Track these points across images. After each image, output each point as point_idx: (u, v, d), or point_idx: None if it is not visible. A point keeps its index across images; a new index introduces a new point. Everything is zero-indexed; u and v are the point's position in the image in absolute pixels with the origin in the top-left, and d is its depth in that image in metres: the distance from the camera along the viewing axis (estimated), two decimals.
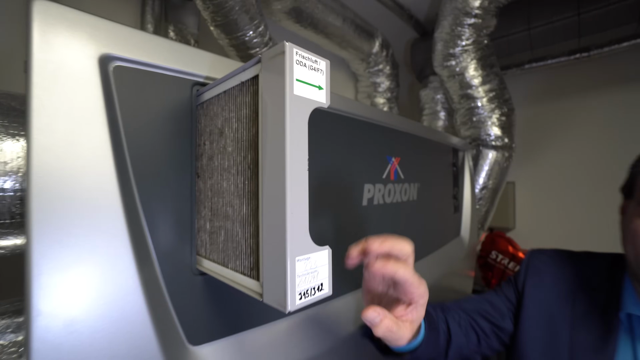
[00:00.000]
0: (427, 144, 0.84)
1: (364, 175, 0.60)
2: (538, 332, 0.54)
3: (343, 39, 1.25)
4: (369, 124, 0.63)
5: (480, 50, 1.13)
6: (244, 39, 0.85)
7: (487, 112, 1.15)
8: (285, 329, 0.44)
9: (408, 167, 0.73)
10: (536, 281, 0.58)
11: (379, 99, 1.53)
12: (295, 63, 0.26)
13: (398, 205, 0.70)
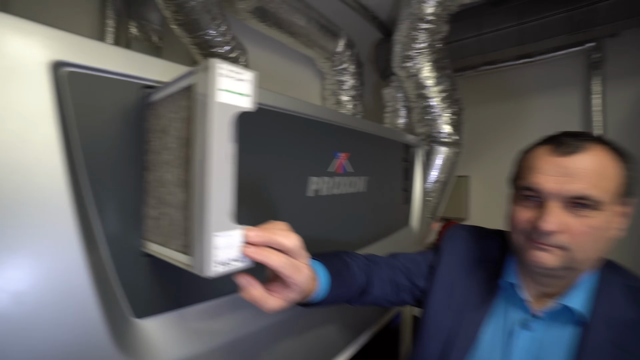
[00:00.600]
0: (378, 140, 0.92)
1: (309, 169, 0.66)
2: (441, 293, 0.64)
3: (308, 38, 1.30)
4: (317, 123, 0.69)
5: (434, 53, 1.22)
6: (205, 38, 0.88)
7: (439, 111, 1.25)
8: (228, 305, 0.50)
9: (357, 161, 0.81)
10: (450, 250, 0.67)
11: (343, 96, 1.60)
12: (219, 76, 0.31)
13: (346, 196, 0.78)
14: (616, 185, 0.49)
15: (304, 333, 0.66)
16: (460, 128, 1.29)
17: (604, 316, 0.49)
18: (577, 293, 0.51)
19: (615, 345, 0.47)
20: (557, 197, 0.49)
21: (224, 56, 0.93)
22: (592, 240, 0.48)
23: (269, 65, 1.44)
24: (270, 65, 1.44)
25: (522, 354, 0.53)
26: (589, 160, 0.49)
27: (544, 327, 0.53)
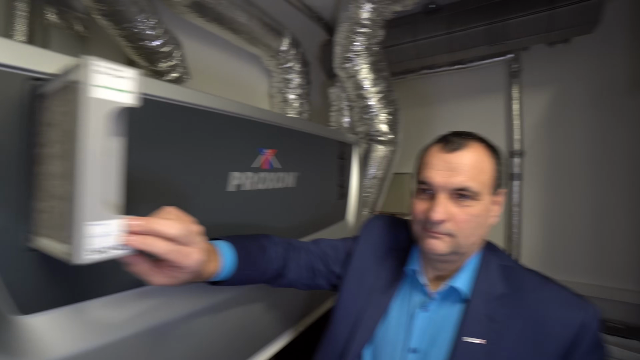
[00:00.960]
0: (310, 138, 0.97)
1: (230, 165, 0.68)
2: (353, 279, 0.69)
3: (251, 36, 1.31)
4: (241, 120, 0.72)
5: (372, 56, 1.30)
6: (132, 30, 0.86)
7: (377, 111, 1.33)
8: (129, 298, 0.51)
9: (286, 158, 0.84)
10: (365, 239, 0.73)
11: (290, 94, 1.62)
12: (93, 72, 0.33)
13: (273, 191, 0.81)
14: (490, 177, 0.57)
15: (223, 326, 0.69)
16: (395, 127, 1.38)
17: (481, 293, 0.57)
18: (462, 274, 0.59)
19: (488, 317, 0.54)
20: (444, 189, 0.55)
21: (154, 50, 0.92)
22: (473, 226, 0.56)
23: (214, 61, 1.42)
24: (215, 61, 1.43)
25: (419, 332, 0.58)
26: (469, 156, 0.56)
27: (437, 307, 0.59)
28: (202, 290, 0.61)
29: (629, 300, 1.51)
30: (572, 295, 0.54)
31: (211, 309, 0.65)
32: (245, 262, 0.58)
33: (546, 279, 0.58)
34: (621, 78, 1.50)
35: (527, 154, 1.71)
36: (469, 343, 0.53)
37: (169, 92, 0.58)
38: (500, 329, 0.52)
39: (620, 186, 1.52)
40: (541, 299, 0.54)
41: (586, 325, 0.50)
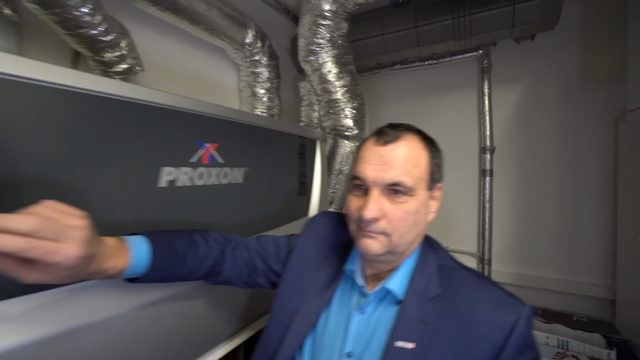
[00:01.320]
0: (262, 132, 0.93)
1: (162, 160, 0.65)
2: (291, 278, 0.65)
3: (211, 27, 1.27)
4: (177, 113, 0.68)
5: (336, 49, 1.27)
6: (67, 16, 0.81)
7: (342, 105, 1.30)
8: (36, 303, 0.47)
9: (232, 153, 0.80)
10: (308, 236, 0.69)
11: (258, 88, 1.58)
12: None
13: (216, 187, 0.77)
14: (426, 171, 0.54)
15: (160, 326, 0.66)
16: (361, 122, 1.36)
17: (416, 294, 0.53)
18: (397, 275, 0.56)
19: (421, 320, 0.51)
20: (377, 185, 0.52)
21: (95, 39, 0.86)
22: (409, 224, 0.53)
23: (176, 54, 1.37)
24: (177, 54, 1.38)
25: (354, 336, 0.55)
26: (402, 149, 0.52)
27: (374, 308, 0.56)
28: (133, 289, 0.58)
29: (596, 295, 1.53)
30: (505, 296, 0.52)
31: (143, 307, 0.62)
32: (165, 259, 0.55)
33: (482, 278, 0.56)
34: (581, 74, 1.51)
35: (497, 150, 1.71)
36: (399, 348, 0.50)
37: (88, 83, 0.55)
38: (432, 331, 0.50)
39: (588, 182, 1.53)
40: (473, 300, 0.51)
41: (516, 327, 0.48)
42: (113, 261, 0.47)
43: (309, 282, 0.63)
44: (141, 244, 0.52)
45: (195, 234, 0.63)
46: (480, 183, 1.77)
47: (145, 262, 0.52)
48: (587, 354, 1.24)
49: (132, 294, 0.59)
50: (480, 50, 1.63)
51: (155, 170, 0.64)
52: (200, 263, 0.61)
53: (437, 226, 1.89)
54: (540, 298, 1.64)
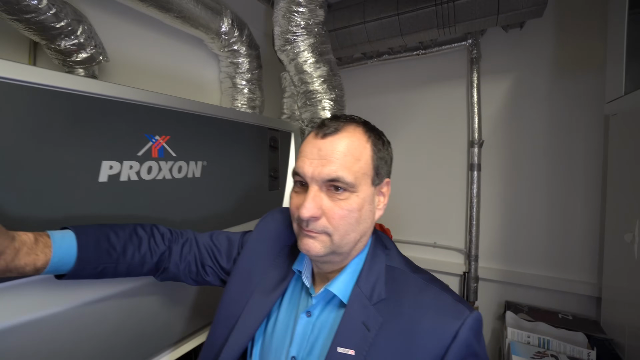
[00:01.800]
0: (224, 124, 0.90)
1: (101, 153, 0.61)
2: (239, 276, 0.62)
3: (182, 15, 1.22)
4: (120, 105, 0.64)
5: (312, 37, 1.21)
6: (21, 6, 0.76)
7: (319, 97, 1.26)
8: None
9: (185, 146, 0.77)
10: (259, 232, 0.66)
11: (238, 80, 1.54)
12: None
13: (169, 182, 0.74)
14: (369, 166, 0.50)
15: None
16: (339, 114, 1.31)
17: (360, 298, 0.51)
18: (341, 277, 0.53)
19: (363, 325, 0.49)
20: (315, 181, 0.49)
21: (45, 25, 0.82)
22: (350, 222, 0.49)
23: (151, 44, 1.33)
24: (152, 44, 1.33)
25: (300, 339, 0.53)
26: (342, 142, 0.49)
27: (320, 311, 0.54)
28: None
29: (582, 292, 1.49)
30: (450, 302, 0.49)
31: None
32: (97, 254, 0.52)
33: (429, 282, 0.53)
34: (572, 64, 1.44)
35: (486, 144, 1.66)
36: (340, 354, 0.47)
37: (19, 73, 0.51)
38: (374, 338, 0.47)
39: (577, 177, 1.48)
40: (417, 306, 0.49)
41: (458, 335, 0.45)
42: (31, 257, 0.44)
43: (256, 282, 0.60)
44: (67, 240, 0.50)
45: (140, 229, 0.60)
46: (468, 178, 1.72)
47: (73, 258, 0.49)
48: (567, 354, 1.21)
49: (66, 292, 0.57)
50: (470, 40, 1.57)
51: (95, 164, 0.61)
52: (143, 259, 0.58)
53: (424, 222, 1.86)
54: (527, 295, 1.61)
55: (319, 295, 0.53)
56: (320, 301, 0.54)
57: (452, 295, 0.50)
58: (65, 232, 0.50)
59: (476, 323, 0.47)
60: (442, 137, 1.79)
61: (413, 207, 1.89)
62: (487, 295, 1.71)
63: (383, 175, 0.53)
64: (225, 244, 0.67)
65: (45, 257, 0.46)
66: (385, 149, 0.54)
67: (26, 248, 0.44)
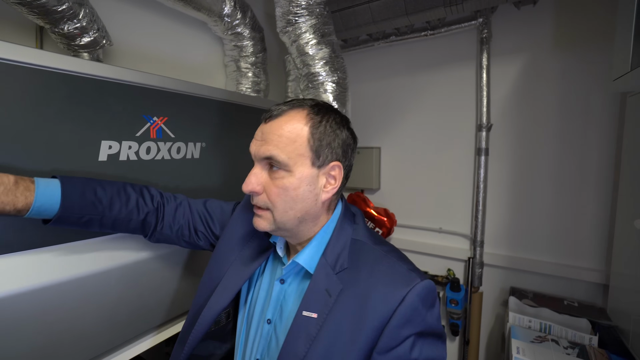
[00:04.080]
0: (223, 106, 0.90)
1: (100, 133, 0.64)
2: (224, 243, 0.67)
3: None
4: (119, 86, 0.66)
5: (314, 18, 1.19)
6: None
7: (322, 79, 1.24)
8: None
9: (183, 127, 0.79)
10: (247, 203, 0.69)
11: (243, 63, 1.54)
12: None
13: (168, 162, 0.76)
14: (305, 147, 0.52)
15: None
16: (342, 97, 1.30)
17: (325, 267, 0.55)
18: (307, 250, 0.57)
19: (326, 292, 0.53)
20: (257, 159, 0.54)
21: (48, 8, 0.84)
22: (286, 200, 0.52)
23: (155, 27, 1.34)
24: (156, 27, 1.34)
25: (274, 304, 0.58)
26: (280, 125, 0.52)
27: (292, 279, 0.59)
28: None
29: (589, 280, 1.47)
30: (404, 271, 0.53)
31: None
32: (82, 204, 0.55)
33: (388, 253, 0.56)
34: (588, 43, 1.36)
35: (494, 128, 1.61)
36: (305, 317, 0.52)
37: (23, 55, 0.53)
38: (334, 303, 0.52)
39: (589, 162, 1.43)
40: (372, 274, 0.53)
41: (405, 299, 0.49)
42: (9, 198, 0.48)
43: (239, 250, 0.65)
44: (51, 187, 0.53)
45: (129, 187, 0.64)
46: (475, 162, 1.69)
47: (57, 206, 0.53)
48: (568, 339, 1.20)
49: (73, 261, 0.60)
50: (480, 19, 1.50)
51: (94, 143, 0.63)
52: (130, 216, 0.62)
53: (430, 206, 1.84)
54: (533, 282, 1.60)
55: (287, 266, 0.58)
56: (290, 271, 0.58)
57: (407, 265, 0.54)
58: (51, 180, 0.54)
59: (425, 290, 0.50)
60: (449, 121, 1.75)
61: (419, 192, 1.88)
62: (492, 281, 1.70)
63: (328, 158, 0.54)
64: (218, 211, 0.73)
65: (26, 199, 0.49)
66: (331, 131, 0.54)
67: (3, 187, 0.47)
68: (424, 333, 0.49)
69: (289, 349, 0.51)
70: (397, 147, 1.93)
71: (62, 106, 0.58)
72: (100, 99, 0.63)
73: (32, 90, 0.54)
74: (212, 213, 0.71)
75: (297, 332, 0.52)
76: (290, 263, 0.58)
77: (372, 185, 1.97)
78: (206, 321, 0.60)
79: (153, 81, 0.72)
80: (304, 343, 0.50)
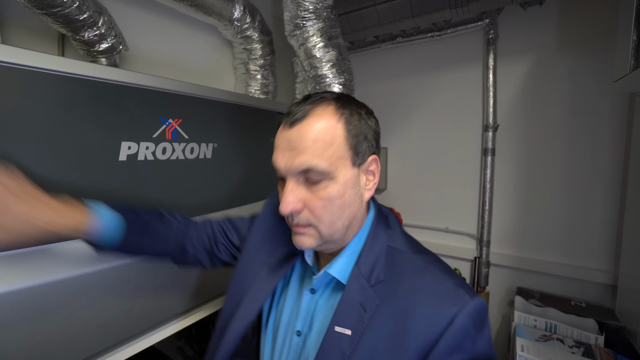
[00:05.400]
0: (232, 108, 0.94)
1: (120, 134, 0.68)
2: (248, 253, 0.64)
3: (195, 3, 1.26)
4: (137, 90, 0.70)
5: (321, 22, 1.22)
6: (48, 1, 0.82)
7: (329, 81, 1.27)
8: None
9: (196, 128, 0.82)
10: (266, 212, 0.67)
11: (252, 65, 1.58)
12: None
13: (182, 162, 0.80)
14: (344, 147, 0.46)
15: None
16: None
17: (358, 279, 0.50)
18: (340, 259, 0.52)
19: (361, 306, 0.48)
20: (290, 174, 0.47)
21: (71, 17, 0.89)
22: (334, 211, 0.47)
23: (167, 32, 1.39)
24: (168, 32, 1.39)
25: (304, 315, 0.54)
26: (310, 128, 0.45)
27: (323, 290, 0.54)
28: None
29: (597, 280, 1.46)
30: (451, 286, 0.47)
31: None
32: (138, 231, 0.56)
33: (430, 264, 0.50)
34: (595, 43, 1.36)
35: (501, 128, 1.62)
36: (338, 333, 0.47)
37: (49, 63, 0.57)
38: (370, 319, 0.47)
39: (598, 163, 1.43)
40: (414, 289, 0.47)
41: (454, 321, 0.43)
42: (64, 220, 0.47)
43: (264, 259, 0.62)
44: (106, 211, 0.53)
45: (162, 211, 0.65)
46: (481, 162, 1.69)
47: (115, 231, 0.53)
48: (574, 338, 1.21)
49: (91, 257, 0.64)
50: (487, 20, 1.51)
51: (115, 144, 0.68)
52: (171, 238, 0.63)
53: (436, 206, 1.85)
54: (540, 282, 1.59)
55: (318, 277, 0.53)
56: (321, 281, 0.54)
57: (453, 279, 0.48)
58: (100, 204, 0.54)
59: (476, 311, 0.44)
60: (455, 121, 1.76)
61: (425, 192, 1.89)
62: (498, 280, 1.70)
63: (366, 153, 0.49)
64: (237, 223, 0.72)
65: (83, 220, 0.49)
66: (364, 123, 0.49)
67: (61, 210, 0.47)
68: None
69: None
70: (403, 147, 1.95)
71: (86, 110, 0.62)
72: (121, 102, 0.68)
73: (58, 96, 0.59)
74: (231, 225, 0.70)
75: (330, 349, 0.47)
76: (321, 274, 0.52)
77: (379, 185, 1.98)
78: (235, 335, 0.56)
79: (169, 85, 0.76)
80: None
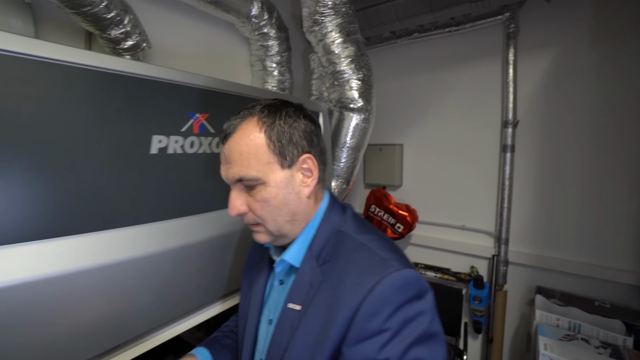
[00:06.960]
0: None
1: (151, 128, 0.69)
2: (250, 260, 0.74)
3: (213, 0, 1.27)
4: (167, 85, 0.71)
5: (340, 17, 1.22)
6: (80, 1, 0.85)
7: (347, 77, 1.27)
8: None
9: (222, 123, 0.83)
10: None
11: (269, 62, 1.59)
12: None
13: (206, 155, 0.81)
14: (269, 154, 0.51)
15: None
16: (368, 94, 1.32)
17: (310, 261, 0.55)
18: (293, 247, 0.57)
19: (309, 284, 0.54)
20: (231, 182, 0.54)
21: (98, 16, 0.91)
22: (272, 209, 0.53)
23: (187, 30, 1.41)
24: (188, 30, 1.41)
25: (272, 304, 0.62)
26: (237, 143, 0.51)
27: (287, 278, 0.60)
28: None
29: (622, 281, 1.42)
30: (378, 259, 0.50)
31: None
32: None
33: (366, 243, 0.54)
34: (622, 36, 1.32)
35: (521, 124, 1.59)
36: (290, 309, 0.54)
37: (84, 58, 0.59)
38: (314, 294, 0.52)
39: (621, 160, 1.39)
40: (347, 264, 0.52)
41: (374, 289, 0.46)
42: None
43: (257, 263, 0.70)
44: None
45: (231, 336, 0.77)
46: (500, 159, 1.67)
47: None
48: (600, 338, 1.18)
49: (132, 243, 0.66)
50: (507, 13, 1.49)
51: (147, 138, 0.69)
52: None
53: (453, 203, 1.83)
54: (561, 281, 1.56)
55: (277, 266, 0.59)
56: (282, 270, 0.60)
57: (385, 254, 0.51)
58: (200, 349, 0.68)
59: (401, 279, 0.47)
60: (473, 117, 1.74)
61: (441, 189, 1.87)
62: (517, 279, 1.67)
63: (296, 154, 0.53)
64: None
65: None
66: (288, 127, 0.52)
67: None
68: (402, 330, 0.45)
69: (276, 340, 0.54)
70: (419, 143, 1.94)
71: (120, 105, 0.64)
72: (151, 97, 0.69)
73: (97, 92, 0.60)
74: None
75: (283, 324, 0.54)
76: (279, 262, 0.58)
77: (394, 182, 1.98)
78: (251, 330, 0.64)
79: (197, 80, 0.77)
80: (287, 334, 0.52)
